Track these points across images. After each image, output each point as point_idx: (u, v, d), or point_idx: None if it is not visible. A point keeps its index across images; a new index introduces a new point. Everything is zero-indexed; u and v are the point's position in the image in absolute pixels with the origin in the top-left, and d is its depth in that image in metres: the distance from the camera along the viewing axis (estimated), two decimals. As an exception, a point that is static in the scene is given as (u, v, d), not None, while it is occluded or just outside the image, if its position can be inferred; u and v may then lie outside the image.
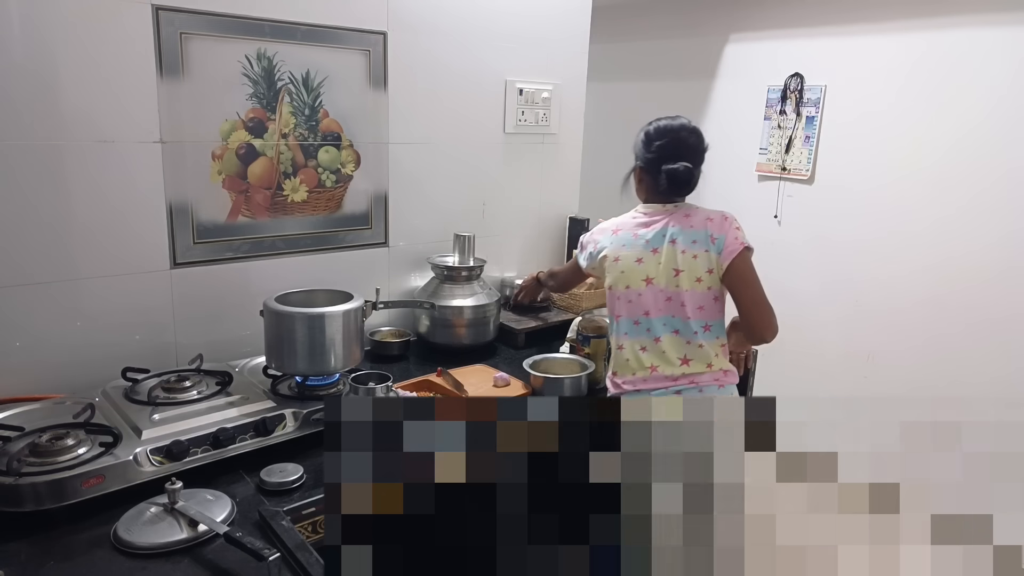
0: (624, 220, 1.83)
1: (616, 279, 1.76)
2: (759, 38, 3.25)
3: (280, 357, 1.65)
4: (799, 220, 3.16)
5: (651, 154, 1.75)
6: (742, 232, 1.79)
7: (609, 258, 1.78)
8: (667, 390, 1.72)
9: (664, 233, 1.75)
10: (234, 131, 1.86)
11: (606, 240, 1.81)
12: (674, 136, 1.75)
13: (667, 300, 1.73)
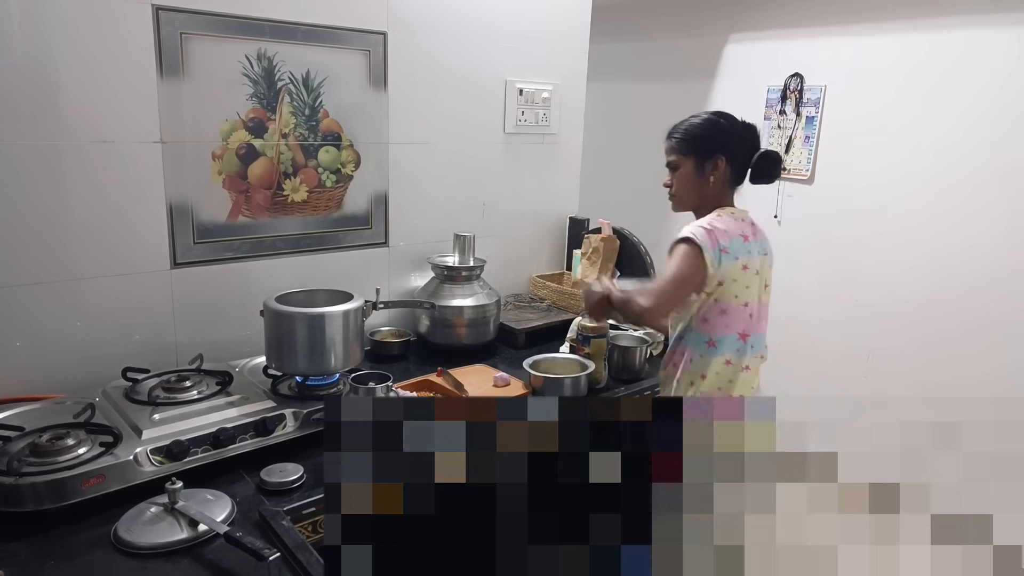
0: (732, 223, 1.66)
1: (745, 290, 1.63)
2: (759, 38, 3.25)
3: (280, 357, 1.65)
4: (799, 220, 3.16)
5: (744, 141, 1.69)
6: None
7: (738, 266, 1.61)
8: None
9: (762, 245, 1.71)
10: (234, 131, 1.86)
11: (736, 243, 1.62)
12: (752, 127, 1.74)
13: (762, 314, 1.71)
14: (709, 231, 1.58)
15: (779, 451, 0.80)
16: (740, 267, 1.60)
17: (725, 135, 1.68)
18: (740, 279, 1.61)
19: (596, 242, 2.49)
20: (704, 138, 1.68)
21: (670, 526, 0.79)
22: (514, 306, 2.50)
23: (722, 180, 1.69)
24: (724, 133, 1.69)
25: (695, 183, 1.70)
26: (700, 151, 1.68)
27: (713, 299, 1.62)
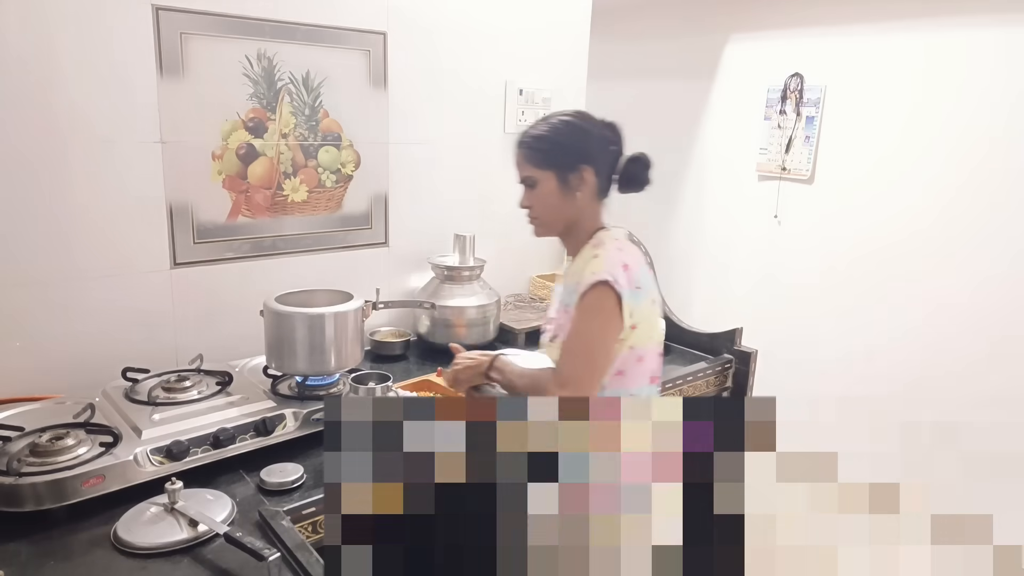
0: (634, 250, 1.42)
1: (656, 328, 1.40)
2: (759, 38, 3.25)
3: (280, 357, 1.65)
4: (799, 220, 3.16)
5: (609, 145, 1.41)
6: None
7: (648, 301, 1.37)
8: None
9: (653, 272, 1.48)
10: (234, 131, 1.86)
11: (644, 275, 1.37)
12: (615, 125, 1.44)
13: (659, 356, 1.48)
14: (626, 268, 1.31)
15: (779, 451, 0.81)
16: (650, 302, 1.37)
17: (588, 140, 1.38)
18: (651, 317, 1.37)
19: (596, 242, 2.48)
20: (565, 146, 1.38)
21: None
22: (514, 306, 2.50)
23: (591, 195, 1.41)
24: (587, 138, 1.38)
25: (560, 202, 1.40)
26: (562, 163, 1.38)
27: (628, 346, 1.33)
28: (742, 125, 3.33)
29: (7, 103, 1.53)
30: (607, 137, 1.41)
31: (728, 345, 2.23)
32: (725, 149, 3.44)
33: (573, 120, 1.39)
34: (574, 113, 1.42)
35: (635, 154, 1.42)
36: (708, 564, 0.80)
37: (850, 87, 2.92)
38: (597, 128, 1.40)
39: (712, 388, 2.20)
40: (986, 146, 2.55)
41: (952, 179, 2.65)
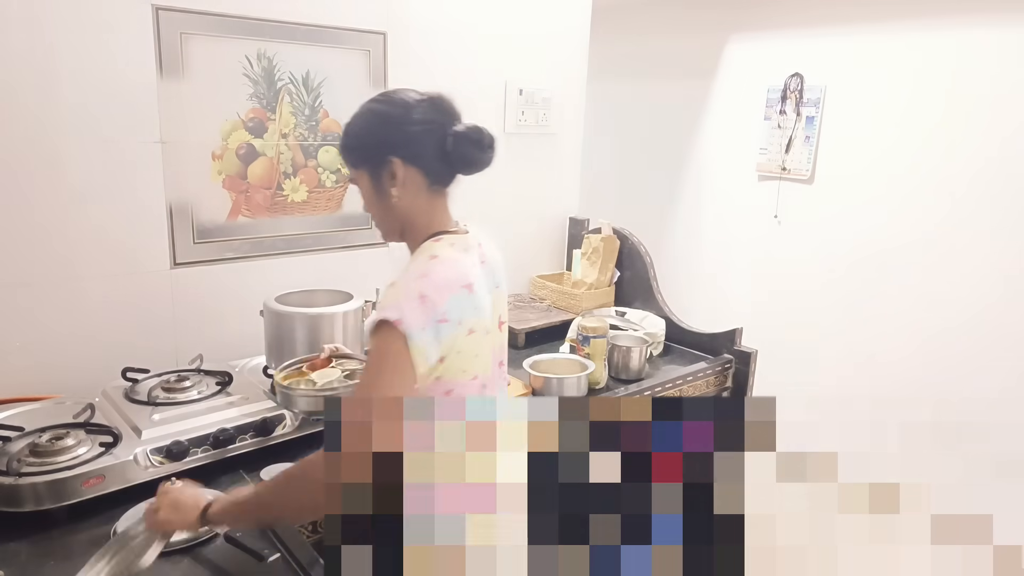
0: (450, 267, 1.13)
1: (474, 360, 1.16)
2: (759, 38, 3.25)
3: (280, 357, 1.65)
4: (799, 220, 3.16)
5: (422, 125, 1.15)
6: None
7: (462, 332, 1.12)
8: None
9: (493, 275, 1.25)
10: (234, 131, 1.86)
11: (458, 302, 1.10)
12: (437, 98, 1.19)
13: (499, 365, 1.29)
14: (423, 299, 1.05)
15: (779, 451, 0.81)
16: (465, 333, 1.11)
17: (391, 127, 1.16)
18: (467, 349, 1.13)
19: (596, 242, 2.49)
20: (365, 140, 1.18)
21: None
22: (514, 306, 2.50)
23: (415, 190, 1.18)
24: (390, 124, 1.16)
25: (379, 203, 1.20)
26: (368, 158, 1.18)
27: (435, 377, 1.12)
28: (742, 125, 3.33)
29: (7, 103, 1.53)
30: (418, 118, 1.15)
31: (728, 345, 2.23)
32: (725, 149, 3.44)
33: (374, 106, 1.18)
34: (379, 97, 1.19)
35: (459, 129, 1.15)
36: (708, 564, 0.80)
37: (850, 87, 2.92)
38: (404, 109, 1.15)
39: (712, 388, 2.20)
40: (985, 145, 2.55)
41: (952, 178, 2.65)
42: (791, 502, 0.80)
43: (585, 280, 2.51)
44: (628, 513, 0.80)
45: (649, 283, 2.47)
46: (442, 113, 1.17)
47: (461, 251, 1.18)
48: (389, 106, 1.16)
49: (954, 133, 2.63)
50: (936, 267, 2.72)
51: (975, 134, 2.57)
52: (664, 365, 2.21)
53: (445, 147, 1.16)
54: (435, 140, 1.16)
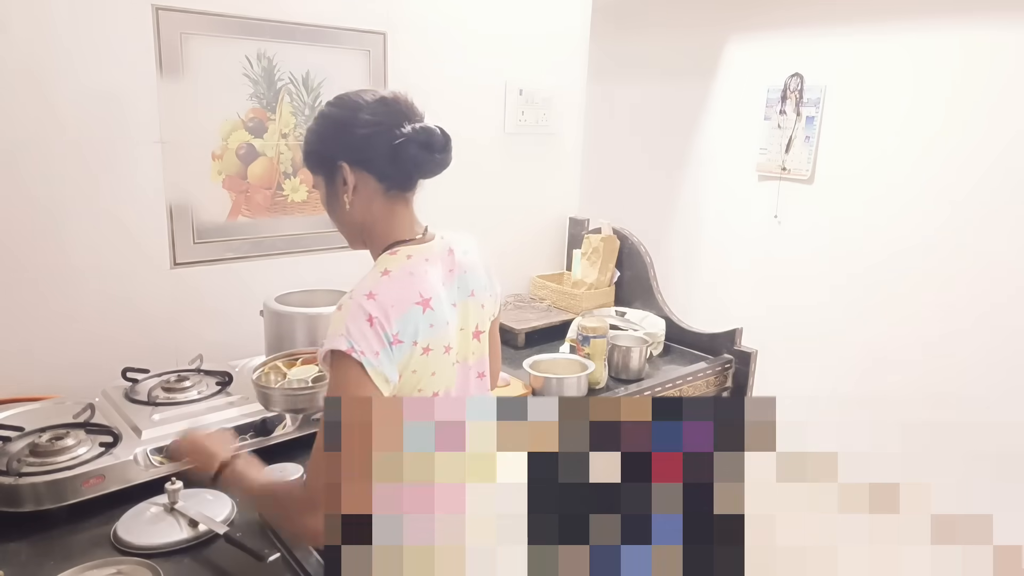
0: (400, 285, 1.09)
1: (431, 378, 1.11)
2: (759, 38, 3.25)
3: (280, 357, 1.65)
4: (799, 220, 3.16)
5: (372, 128, 1.10)
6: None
7: (417, 352, 1.07)
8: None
9: (465, 282, 1.19)
10: (234, 131, 1.86)
11: (410, 320, 1.06)
12: (390, 99, 1.13)
13: (475, 377, 1.26)
14: (369, 321, 1.01)
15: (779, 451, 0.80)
16: (419, 353, 1.07)
17: (337, 130, 1.11)
18: (422, 368, 1.08)
19: (596, 242, 2.49)
20: (316, 145, 1.14)
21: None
22: (514, 306, 2.50)
23: (369, 195, 1.13)
24: (336, 128, 1.12)
25: (336, 212, 1.17)
26: (321, 165, 1.14)
27: (391, 394, 1.07)
28: (742, 125, 3.33)
29: (7, 102, 1.53)
30: (366, 120, 1.10)
31: (728, 345, 2.23)
32: (725, 149, 3.44)
33: (326, 109, 1.14)
34: (333, 100, 1.15)
35: (406, 130, 1.09)
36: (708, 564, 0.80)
37: (850, 87, 2.92)
38: (352, 112, 1.11)
39: (712, 388, 2.20)
40: (986, 145, 2.55)
41: (952, 178, 2.65)
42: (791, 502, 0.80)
43: (585, 280, 2.51)
44: (628, 513, 0.80)
45: (649, 283, 2.47)
46: (393, 114, 1.10)
47: (420, 262, 1.13)
48: (339, 109, 1.12)
49: (955, 133, 2.63)
50: (936, 267, 2.72)
51: (976, 134, 2.57)
52: (664, 365, 2.22)
53: (395, 150, 1.09)
54: (384, 143, 1.09)
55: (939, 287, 2.72)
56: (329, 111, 1.14)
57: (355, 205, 1.14)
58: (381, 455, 0.79)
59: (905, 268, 2.81)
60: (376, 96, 1.12)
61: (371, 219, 1.16)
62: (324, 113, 1.14)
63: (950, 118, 2.63)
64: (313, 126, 1.15)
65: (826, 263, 3.08)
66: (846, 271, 3.01)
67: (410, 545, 0.79)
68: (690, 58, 3.54)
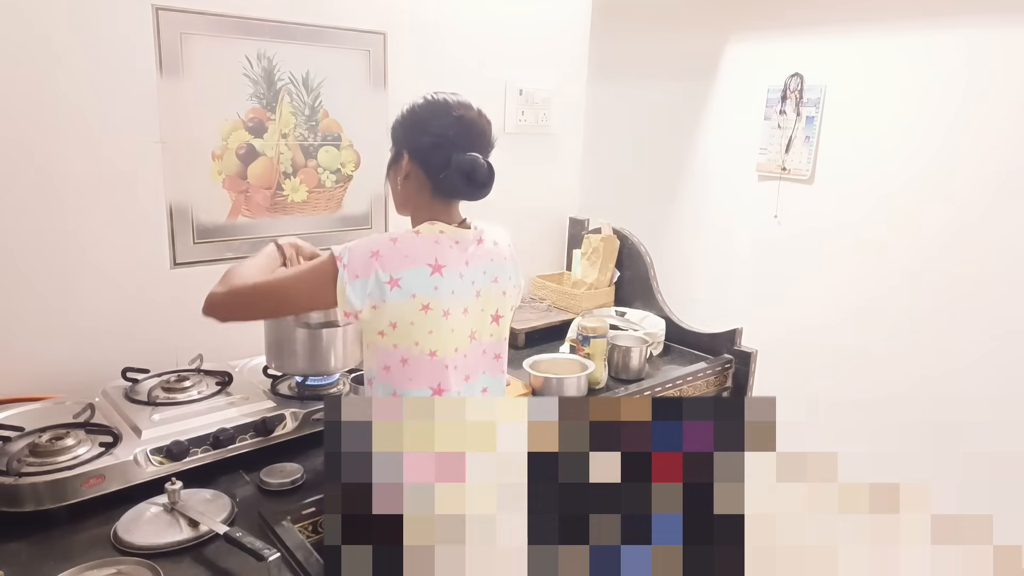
0: (420, 246, 1.22)
1: (428, 336, 1.22)
2: (759, 38, 3.25)
3: (280, 357, 1.65)
4: (799, 220, 3.16)
5: (430, 139, 1.24)
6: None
7: (415, 305, 1.19)
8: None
9: (490, 269, 1.31)
10: (234, 131, 1.86)
11: (415, 276, 1.19)
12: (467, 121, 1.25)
13: (484, 353, 1.36)
14: (373, 255, 1.17)
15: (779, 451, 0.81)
16: (418, 307, 1.19)
17: (408, 127, 1.27)
18: (420, 322, 1.19)
19: (596, 242, 2.49)
20: (394, 126, 1.30)
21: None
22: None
23: (418, 188, 1.27)
24: (408, 124, 1.27)
25: (391, 181, 1.33)
26: (393, 141, 1.31)
27: (391, 343, 1.22)
28: (742, 125, 3.33)
29: (7, 103, 1.53)
30: (434, 130, 1.23)
31: (728, 345, 2.23)
32: (725, 149, 3.44)
33: (418, 101, 1.28)
34: (428, 95, 1.28)
35: (459, 156, 1.22)
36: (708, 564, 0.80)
37: (850, 87, 2.92)
38: (430, 116, 1.24)
39: (712, 388, 2.20)
40: (986, 145, 2.55)
41: (952, 178, 2.65)
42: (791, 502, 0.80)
43: (585, 280, 2.51)
44: (628, 513, 0.80)
45: (649, 283, 2.47)
46: (461, 135, 1.23)
47: (449, 240, 1.25)
48: (424, 108, 1.26)
49: (954, 132, 2.63)
50: (936, 267, 2.72)
51: (975, 133, 2.57)
52: (664, 365, 2.22)
53: (445, 168, 1.23)
54: (441, 156, 1.23)
55: (939, 287, 2.72)
56: (417, 104, 1.27)
57: (404, 188, 1.29)
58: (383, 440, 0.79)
59: (905, 268, 2.81)
60: (460, 111, 1.24)
61: (415, 205, 1.30)
62: (415, 106, 1.28)
63: (950, 118, 2.64)
64: (404, 111, 1.29)
65: (826, 263, 3.08)
66: (846, 271, 3.01)
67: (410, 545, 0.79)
68: (690, 58, 3.54)
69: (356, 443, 0.80)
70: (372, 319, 1.20)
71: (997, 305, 2.57)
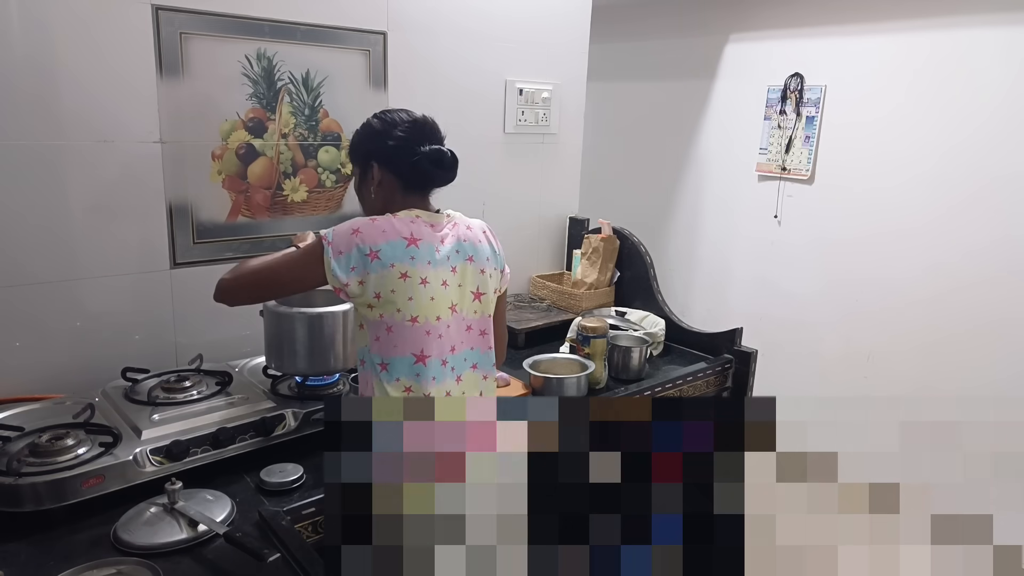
0: (396, 224, 1.36)
1: (408, 303, 1.34)
2: (759, 38, 3.25)
3: (280, 357, 1.65)
4: (799, 220, 3.16)
5: (401, 141, 1.41)
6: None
7: (394, 274, 1.32)
8: None
9: (463, 248, 1.44)
10: (234, 131, 1.86)
11: (393, 248, 1.33)
12: (419, 122, 1.45)
13: (468, 329, 1.45)
14: (354, 232, 1.32)
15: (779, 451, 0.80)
16: (397, 276, 1.32)
17: (371, 140, 1.44)
18: (400, 290, 1.32)
19: (596, 242, 2.49)
20: (355, 145, 1.48)
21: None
22: (514, 306, 2.50)
23: (391, 189, 1.43)
24: (370, 137, 1.44)
25: (363, 194, 1.48)
26: (357, 160, 1.47)
27: (377, 314, 1.34)
28: (742, 125, 3.33)
29: (7, 103, 1.53)
30: (393, 135, 1.41)
31: (728, 345, 2.23)
32: (725, 149, 3.44)
33: (370, 120, 1.46)
34: (379, 112, 1.47)
35: (424, 149, 1.41)
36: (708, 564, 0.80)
37: (850, 87, 2.92)
38: (388, 126, 1.43)
39: (712, 388, 2.20)
40: (987, 146, 2.55)
41: (951, 178, 2.65)
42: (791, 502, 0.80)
43: (585, 280, 2.51)
44: (628, 513, 0.80)
45: (649, 283, 2.47)
46: (419, 135, 1.43)
47: (423, 223, 1.39)
48: (380, 122, 1.44)
49: (956, 134, 2.63)
50: (937, 267, 2.72)
51: (975, 133, 2.57)
52: (664, 365, 2.22)
53: (413, 162, 1.40)
54: (406, 155, 1.40)
55: (939, 287, 2.72)
56: (373, 121, 1.45)
57: (378, 195, 1.44)
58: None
59: (905, 268, 2.81)
60: (410, 118, 1.44)
61: (391, 206, 1.42)
62: (370, 121, 1.45)
63: (949, 117, 2.64)
64: (360, 129, 1.47)
65: (826, 263, 3.08)
66: (846, 271, 3.01)
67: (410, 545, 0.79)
68: (690, 58, 3.54)
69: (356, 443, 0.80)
70: (360, 293, 1.33)
71: (998, 304, 2.57)
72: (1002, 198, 2.53)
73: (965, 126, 2.60)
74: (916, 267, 2.78)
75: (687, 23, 3.55)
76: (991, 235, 2.57)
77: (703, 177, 3.56)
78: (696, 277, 3.64)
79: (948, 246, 2.68)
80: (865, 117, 2.88)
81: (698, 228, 3.62)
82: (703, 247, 3.60)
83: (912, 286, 2.79)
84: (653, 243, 2.62)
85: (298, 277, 1.37)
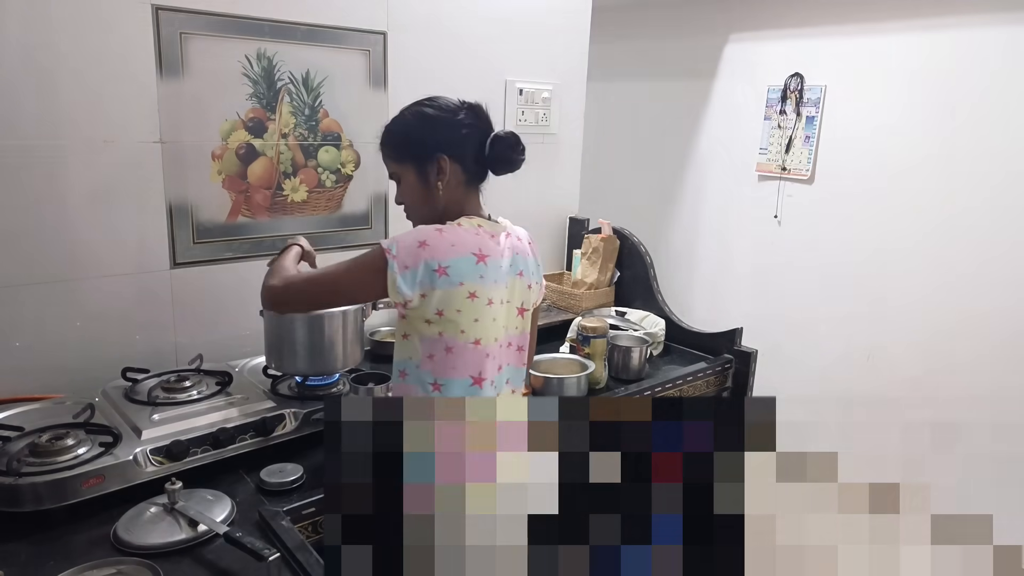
0: (464, 236, 1.29)
1: (474, 324, 1.27)
2: (759, 38, 3.25)
3: (280, 357, 1.65)
4: (799, 220, 3.16)
5: (466, 128, 1.32)
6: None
7: (462, 293, 1.25)
8: None
9: (517, 262, 1.38)
10: (234, 131, 1.86)
11: (462, 265, 1.25)
12: (476, 106, 1.36)
13: (509, 346, 1.40)
14: (420, 245, 1.23)
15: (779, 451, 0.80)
16: (465, 295, 1.25)
17: (440, 128, 1.32)
18: (467, 310, 1.26)
19: (596, 242, 2.49)
20: (416, 139, 1.34)
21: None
22: (514, 306, 2.50)
23: (455, 183, 1.34)
24: (438, 126, 1.32)
25: (422, 194, 1.35)
26: (416, 155, 1.33)
27: (437, 331, 1.27)
28: (742, 125, 3.33)
29: (7, 103, 1.53)
30: (462, 122, 1.33)
31: (728, 345, 2.23)
32: (725, 149, 3.44)
33: (424, 110, 1.34)
34: (426, 101, 1.35)
35: (497, 134, 1.33)
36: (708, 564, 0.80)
37: (850, 87, 2.92)
38: (450, 114, 1.33)
39: (712, 388, 2.20)
40: (985, 144, 2.55)
41: (952, 178, 2.65)
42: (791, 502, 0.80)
43: (585, 280, 2.51)
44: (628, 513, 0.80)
45: (649, 283, 2.47)
46: (482, 120, 1.35)
47: (486, 234, 1.32)
48: (439, 110, 1.33)
49: (954, 132, 2.63)
50: (936, 267, 2.72)
51: (975, 133, 2.57)
52: (664, 365, 2.22)
53: (484, 149, 1.32)
54: (476, 142, 1.33)
55: (940, 287, 2.72)
56: (428, 111, 1.33)
57: (444, 191, 1.33)
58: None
59: (905, 267, 2.81)
60: (462, 103, 1.34)
61: (452, 202, 1.35)
62: (423, 112, 1.34)
63: (949, 117, 2.64)
64: (411, 120, 1.34)
65: (826, 263, 3.08)
66: (846, 271, 3.01)
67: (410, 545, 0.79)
68: (690, 58, 3.54)
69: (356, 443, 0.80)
70: (420, 306, 1.25)
71: (998, 304, 2.57)
72: (1003, 198, 2.53)
73: (966, 125, 2.59)
74: (916, 266, 2.77)
75: (687, 23, 3.55)
76: (992, 235, 2.56)
77: (703, 177, 3.56)
78: (696, 277, 3.63)
79: (948, 245, 2.68)
80: (865, 117, 2.87)
81: (698, 228, 3.61)
82: (703, 247, 3.60)
83: (912, 285, 2.79)
84: (653, 243, 2.62)
85: (358, 290, 1.30)
